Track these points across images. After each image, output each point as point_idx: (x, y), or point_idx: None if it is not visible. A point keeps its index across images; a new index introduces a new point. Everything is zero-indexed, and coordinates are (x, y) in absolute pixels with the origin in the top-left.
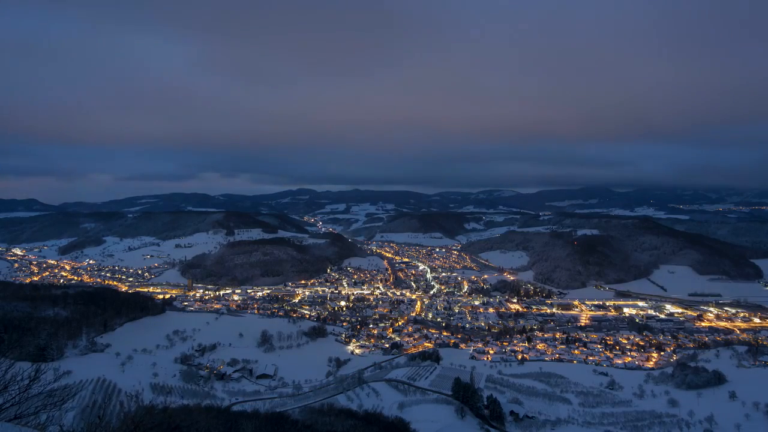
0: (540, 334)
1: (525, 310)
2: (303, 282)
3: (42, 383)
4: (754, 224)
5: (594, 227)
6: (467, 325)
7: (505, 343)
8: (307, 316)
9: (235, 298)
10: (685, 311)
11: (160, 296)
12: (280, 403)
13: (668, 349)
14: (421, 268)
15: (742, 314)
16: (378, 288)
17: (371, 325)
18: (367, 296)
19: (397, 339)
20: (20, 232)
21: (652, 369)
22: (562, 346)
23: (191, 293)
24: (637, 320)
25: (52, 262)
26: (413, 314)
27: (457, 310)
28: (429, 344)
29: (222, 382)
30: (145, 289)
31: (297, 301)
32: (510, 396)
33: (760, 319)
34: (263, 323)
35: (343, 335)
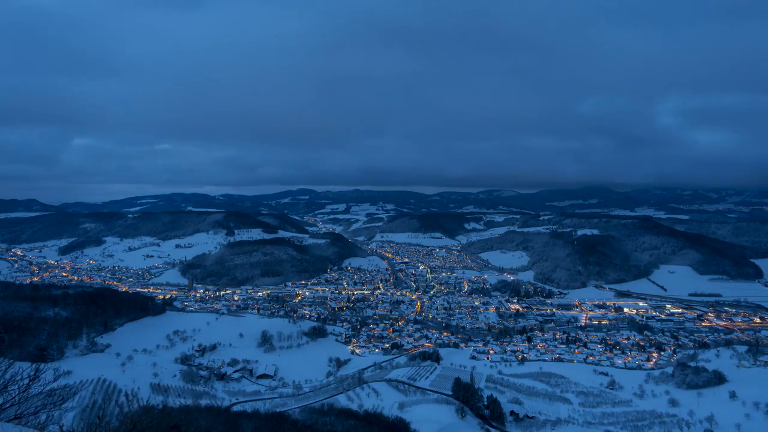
0: (540, 334)
1: (525, 310)
2: (303, 282)
3: (42, 383)
4: (754, 224)
5: (594, 227)
6: (467, 325)
7: (505, 343)
8: (308, 317)
9: (236, 298)
10: (685, 311)
11: (161, 296)
12: (280, 403)
13: (668, 349)
14: (421, 268)
15: (742, 314)
16: (378, 288)
17: (371, 326)
18: (367, 296)
19: (398, 339)
20: (20, 232)
21: (653, 369)
22: (563, 346)
23: (191, 293)
24: (637, 320)
25: (52, 262)
26: (413, 314)
27: (457, 310)
28: (429, 344)
29: (222, 382)
30: (146, 290)
31: (297, 301)
32: (510, 396)
33: (760, 319)
34: (263, 323)
35: (344, 335)
